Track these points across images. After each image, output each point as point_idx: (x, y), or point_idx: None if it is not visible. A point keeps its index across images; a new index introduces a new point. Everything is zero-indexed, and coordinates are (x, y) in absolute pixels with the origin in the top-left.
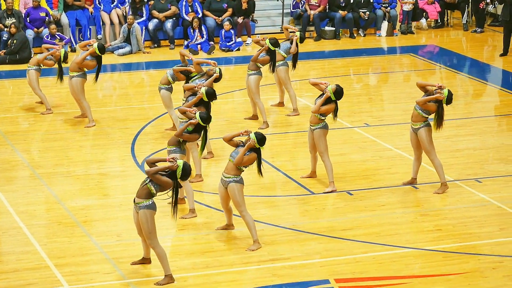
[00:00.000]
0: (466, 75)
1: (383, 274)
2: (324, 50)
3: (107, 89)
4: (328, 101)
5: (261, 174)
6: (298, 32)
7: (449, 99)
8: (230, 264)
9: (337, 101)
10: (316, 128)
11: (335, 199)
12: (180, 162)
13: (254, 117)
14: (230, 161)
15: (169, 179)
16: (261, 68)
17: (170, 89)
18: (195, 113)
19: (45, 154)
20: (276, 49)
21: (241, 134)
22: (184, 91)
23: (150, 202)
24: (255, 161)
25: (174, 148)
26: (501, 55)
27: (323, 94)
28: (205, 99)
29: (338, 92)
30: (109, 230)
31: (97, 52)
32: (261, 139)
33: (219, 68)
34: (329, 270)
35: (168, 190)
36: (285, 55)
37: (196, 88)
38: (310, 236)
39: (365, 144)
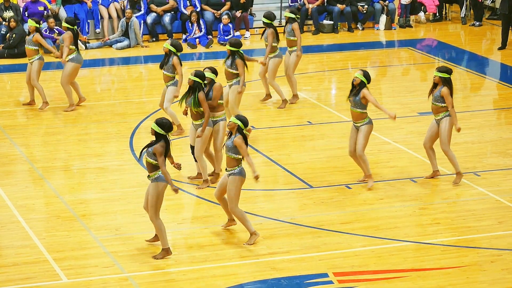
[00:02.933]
0: (464, 69)
1: (381, 267)
2: (323, 44)
3: (105, 83)
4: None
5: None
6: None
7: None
8: (228, 258)
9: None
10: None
11: (333, 192)
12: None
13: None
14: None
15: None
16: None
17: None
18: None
19: (44, 148)
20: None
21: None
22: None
23: (159, 175)
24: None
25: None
26: (499, 48)
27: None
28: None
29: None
30: (108, 224)
31: (68, 26)
32: (244, 121)
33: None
34: (328, 263)
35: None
36: (295, 38)
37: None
38: (309, 230)
39: None
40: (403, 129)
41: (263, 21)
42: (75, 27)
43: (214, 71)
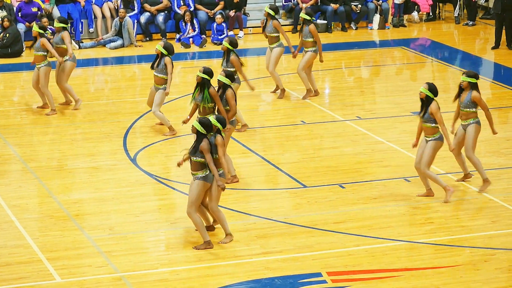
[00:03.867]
0: (457, 68)
1: (375, 267)
2: None
3: (99, 83)
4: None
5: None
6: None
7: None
8: (222, 257)
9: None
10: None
11: (327, 192)
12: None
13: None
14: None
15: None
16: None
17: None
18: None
19: (37, 147)
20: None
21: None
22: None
23: (207, 173)
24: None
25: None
26: (493, 48)
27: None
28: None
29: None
30: (102, 224)
31: (63, 25)
32: (222, 121)
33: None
34: (321, 263)
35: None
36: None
37: None
38: (302, 229)
39: (357, 137)
40: (396, 129)
41: (304, 18)
42: (68, 25)
43: (228, 75)
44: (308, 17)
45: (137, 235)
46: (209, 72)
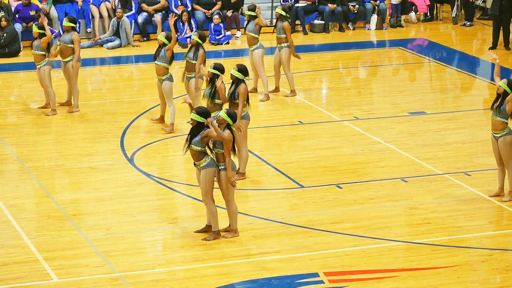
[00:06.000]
0: (455, 69)
1: (372, 267)
2: (314, 44)
3: (96, 83)
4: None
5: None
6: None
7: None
8: (219, 257)
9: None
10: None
11: (324, 192)
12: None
13: (254, 90)
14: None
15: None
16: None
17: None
18: None
19: (34, 147)
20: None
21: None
22: None
23: (208, 161)
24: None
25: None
26: (490, 48)
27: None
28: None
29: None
30: (99, 224)
31: (72, 24)
32: (233, 115)
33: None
34: (319, 263)
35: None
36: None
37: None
38: (300, 230)
39: (354, 138)
40: (393, 129)
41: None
42: (77, 25)
43: (241, 70)
44: (284, 13)
45: (134, 235)
46: (219, 68)
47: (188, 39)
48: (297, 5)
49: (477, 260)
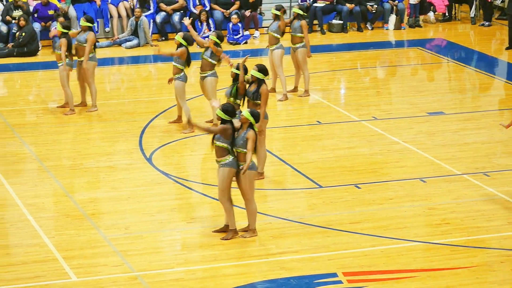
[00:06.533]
0: (473, 69)
1: (391, 267)
2: (332, 44)
3: (114, 82)
4: None
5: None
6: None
7: None
8: (238, 257)
9: None
10: None
11: (343, 192)
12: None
13: (272, 90)
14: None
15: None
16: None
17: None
18: None
19: (53, 146)
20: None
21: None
22: None
23: (229, 160)
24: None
25: None
26: (507, 48)
27: None
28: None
29: None
30: (117, 223)
31: (89, 24)
32: (255, 115)
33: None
34: (337, 263)
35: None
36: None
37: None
38: (318, 230)
39: (373, 138)
40: (412, 129)
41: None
42: (94, 25)
43: (261, 70)
44: (301, 12)
45: (152, 234)
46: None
47: (206, 39)
48: (315, 5)
49: (496, 261)
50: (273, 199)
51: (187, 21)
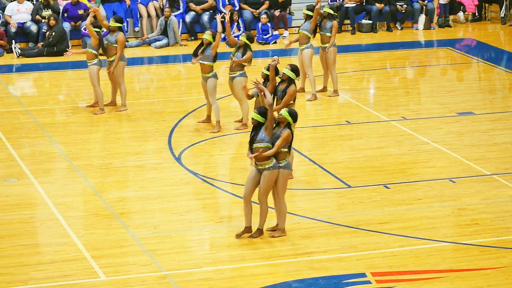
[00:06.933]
0: (503, 69)
1: (420, 268)
2: (361, 43)
3: (144, 82)
4: None
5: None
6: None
7: None
8: (266, 256)
9: None
10: None
11: (371, 192)
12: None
13: (301, 90)
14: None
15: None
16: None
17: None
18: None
19: (83, 146)
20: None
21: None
22: None
23: (273, 163)
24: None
25: None
26: None
27: None
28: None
29: None
30: (146, 222)
31: (118, 24)
32: (293, 114)
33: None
34: (366, 263)
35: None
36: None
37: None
38: (347, 230)
39: (402, 138)
40: (442, 129)
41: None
42: (124, 24)
43: (294, 69)
44: (332, 12)
45: (181, 233)
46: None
47: (236, 39)
48: (346, 5)
49: None
50: (302, 199)
51: (223, 16)
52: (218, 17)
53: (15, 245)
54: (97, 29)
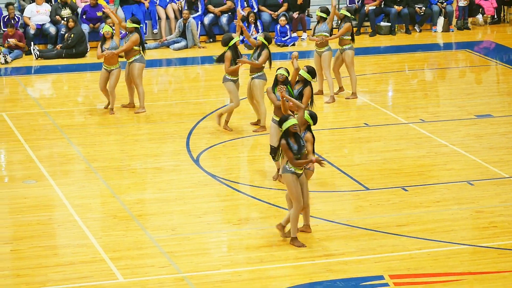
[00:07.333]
0: None
1: (438, 270)
2: (380, 46)
3: (162, 84)
4: None
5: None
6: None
7: None
8: (284, 259)
9: None
10: None
11: (390, 195)
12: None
13: (320, 92)
14: None
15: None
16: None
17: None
18: None
19: (101, 147)
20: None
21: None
22: None
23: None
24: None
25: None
26: None
27: None
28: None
29: None
30: (164, 224)
31: (135, 25)
32: (314, 117)
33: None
34: (384, 266)
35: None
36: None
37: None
38: (365, 232)
39: (420, 140)
40: (460, 132)
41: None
42: (140, 25)
43: (310, 71)
44: (349, 14)
45: (199, 235)
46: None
47: (255, 40)
48: (366, 7)
49: None
50: (320, 201)
51: (239, 19)
52: (237, 20)
53: (34, 246)
54: (136, 25)
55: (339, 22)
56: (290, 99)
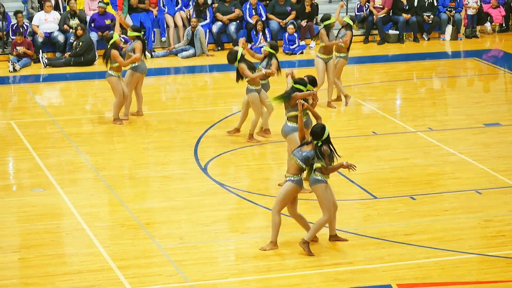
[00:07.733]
0: None
1: (446, 279)
2: (388, 54)
3: (170, 92)
4: None
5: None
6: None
7: None
8: (292, 268)
9: None
10: None
11: (398, 203)
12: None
13: (338, 99)
14: (292, 160)
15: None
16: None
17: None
18: None
19: (109, 156)
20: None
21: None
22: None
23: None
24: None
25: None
26: None
27: None
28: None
29: None
30: (172, 233)
31: (136, 33)
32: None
33: None
34: (391, 275)
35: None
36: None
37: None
38: (373, 241)
39: (428, 149)
40: (468, 140)
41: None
42: (142, 33)
43: (312, 81)
44: (351, 22)
45: (207, 244)
46: (301, 83)
47: (260, 54)
48: (376, 15)
49: None
50: None
51: (242, 41)
52: (240, 42)
53: (42, 255)
54: (137, 33)
55: (340, 29)
56: (310, 109)
